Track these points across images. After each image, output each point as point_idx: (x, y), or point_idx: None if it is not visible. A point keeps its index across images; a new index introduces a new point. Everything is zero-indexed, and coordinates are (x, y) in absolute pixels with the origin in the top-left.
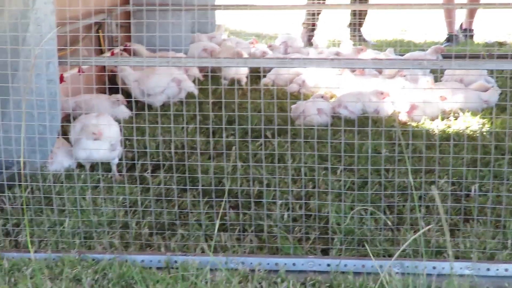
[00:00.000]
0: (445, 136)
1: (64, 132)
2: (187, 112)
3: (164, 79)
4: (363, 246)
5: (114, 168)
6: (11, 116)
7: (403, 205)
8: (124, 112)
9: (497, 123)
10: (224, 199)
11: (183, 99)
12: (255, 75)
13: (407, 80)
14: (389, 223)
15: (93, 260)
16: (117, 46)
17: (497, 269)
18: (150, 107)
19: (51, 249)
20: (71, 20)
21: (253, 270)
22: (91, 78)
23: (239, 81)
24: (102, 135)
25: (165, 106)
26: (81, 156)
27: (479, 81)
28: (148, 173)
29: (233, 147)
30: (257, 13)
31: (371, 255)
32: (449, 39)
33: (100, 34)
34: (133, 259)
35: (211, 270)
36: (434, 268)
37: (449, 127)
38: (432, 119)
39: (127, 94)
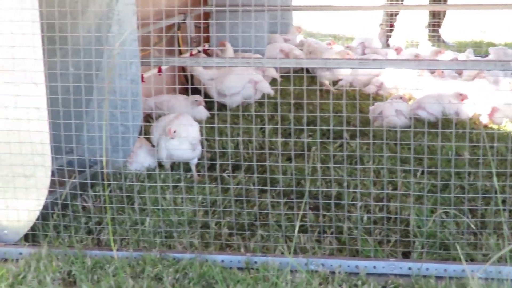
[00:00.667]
0: None
1: (144, 132)
2: (267, 113)
3: (241, 80)
4: (445, 249)
5: (193, 168)
6: (95, 116)
7: (486, 209)
8: (202, 112)
9: None
10: (303, 200)
11: (263, 100)
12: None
13: (488, 82)
14: (472, 226)
15: (174, 259)
16: (196, 47)
17: None
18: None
19: (132, 247)
20: (150, 21)
21: (333, 272)
22: (169, 79)
23: (321, 83)
24: (177, 134)
25: (242, 107)
26: (163, 155)
27: None
28: (227, 173)
29: (313, 148)
30: (333, 13)
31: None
32: None
33: (180, 35)
34: (213, 259)
35: (291, 271)
36: None
37: None
38: None
39: (205, 94)
